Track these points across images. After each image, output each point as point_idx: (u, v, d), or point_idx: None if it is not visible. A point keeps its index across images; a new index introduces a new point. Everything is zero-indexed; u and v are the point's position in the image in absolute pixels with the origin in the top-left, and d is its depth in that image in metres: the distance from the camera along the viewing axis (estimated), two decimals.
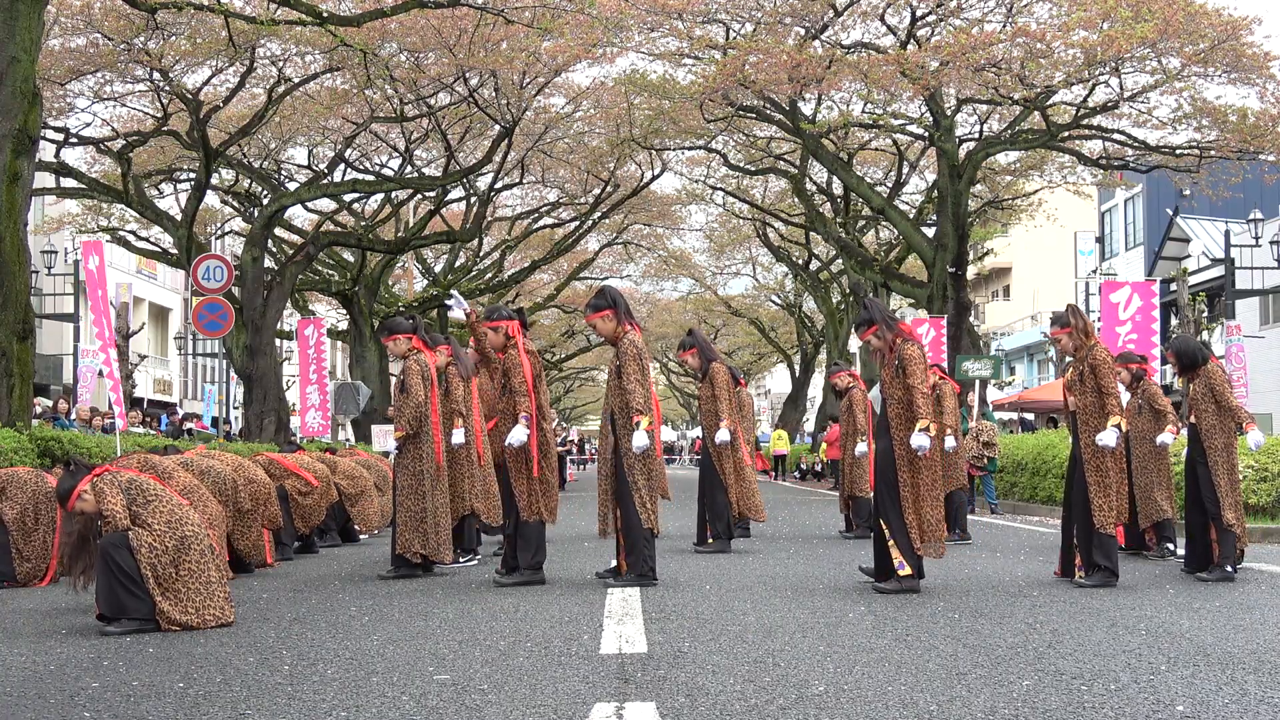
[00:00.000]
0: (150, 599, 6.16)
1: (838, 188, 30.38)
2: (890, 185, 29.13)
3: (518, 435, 7.98)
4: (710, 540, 10.80)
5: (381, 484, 13.12)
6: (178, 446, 10.56)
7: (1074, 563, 8.26)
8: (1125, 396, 10.13)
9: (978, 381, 19.19)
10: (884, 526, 7.64)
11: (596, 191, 31.01)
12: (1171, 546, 10.31)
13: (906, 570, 7.53)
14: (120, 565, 6.15)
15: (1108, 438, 7.92)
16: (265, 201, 25.24)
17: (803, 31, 21.73)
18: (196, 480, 7.97)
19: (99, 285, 13.69)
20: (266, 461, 10.75)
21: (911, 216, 27.80)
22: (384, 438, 23.17)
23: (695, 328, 12.75)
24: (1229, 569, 8.47)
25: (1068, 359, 8.65)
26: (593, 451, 43.00)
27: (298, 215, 31.52)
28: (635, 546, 7.91)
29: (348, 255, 30.68)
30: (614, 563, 8.16)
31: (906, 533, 7.55)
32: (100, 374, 29.55)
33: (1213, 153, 22.26)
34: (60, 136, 22.93)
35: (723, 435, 10.75)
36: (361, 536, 12.74)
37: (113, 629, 6.09)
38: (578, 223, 33.01)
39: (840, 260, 32.40)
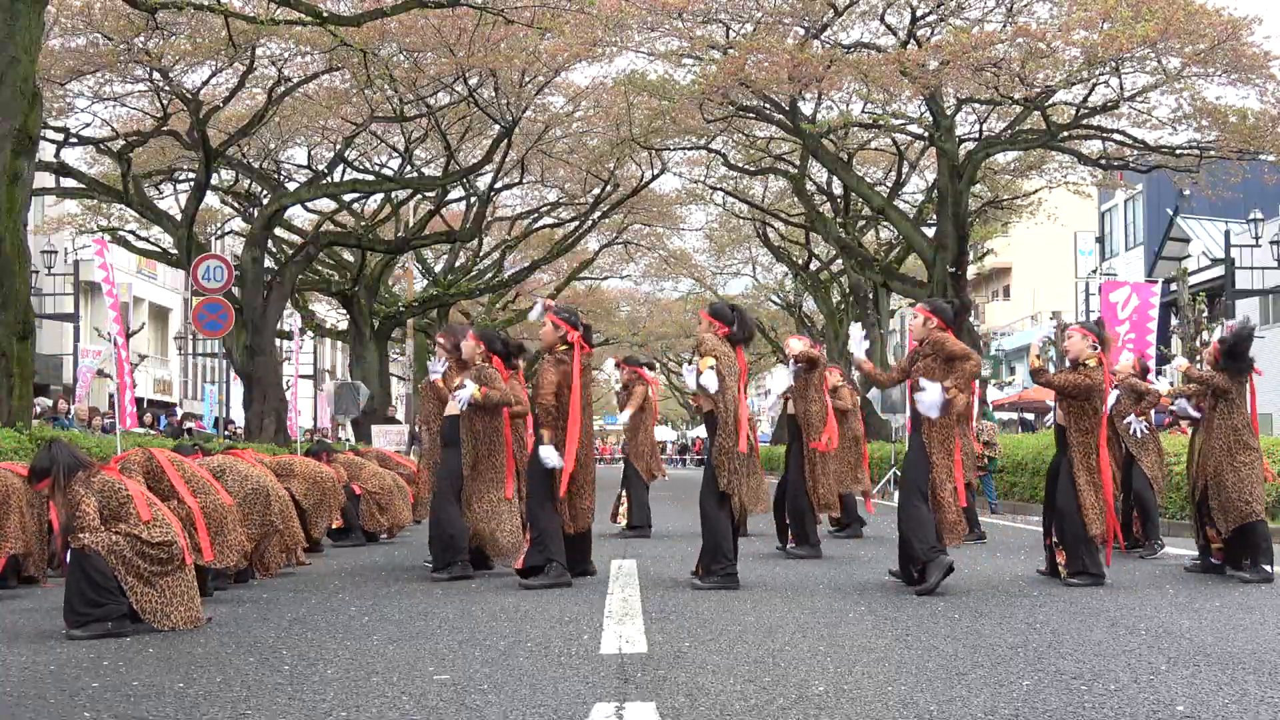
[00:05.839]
0: (124, 597, 6.14)
1: (838, 188, 30.34)
2: (890, 185, 29.09)
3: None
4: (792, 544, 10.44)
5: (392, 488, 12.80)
6: (205, 448, 10.43)
7: (1056, 561, 8.34)
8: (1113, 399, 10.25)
9: (977, 381, 19.22)
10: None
11: (596, 191, 30.99)
12: (1161, 544, 10.34)
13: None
14: (89, 573, 6.10)
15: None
16: (265, 201, 25.23)
17: (803, 31, 21.70)
18: (205, 473, 7.85)
19: (113, 281, 13.75)
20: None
21: (911, 216, 27.77)
22: (382, 437, 23.20)
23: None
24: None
25: (1066, 362, 8.65)
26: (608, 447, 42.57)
27: (298, 215, 31.49)
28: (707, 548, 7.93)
29: (348, 255, 30.66)
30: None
31: (931, 526, 7.63)
32: (101, 373, 29.56)
33: (1213, 153, 22.22)
34: (60, 136, 22.89)
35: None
36: (382, 536, 12.75)
37: (79, 633, 6.03)
38: (578, 223, 32.99)
39: (840, 260, 32.37)
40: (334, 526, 11.46)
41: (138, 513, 6.33)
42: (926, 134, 23.49)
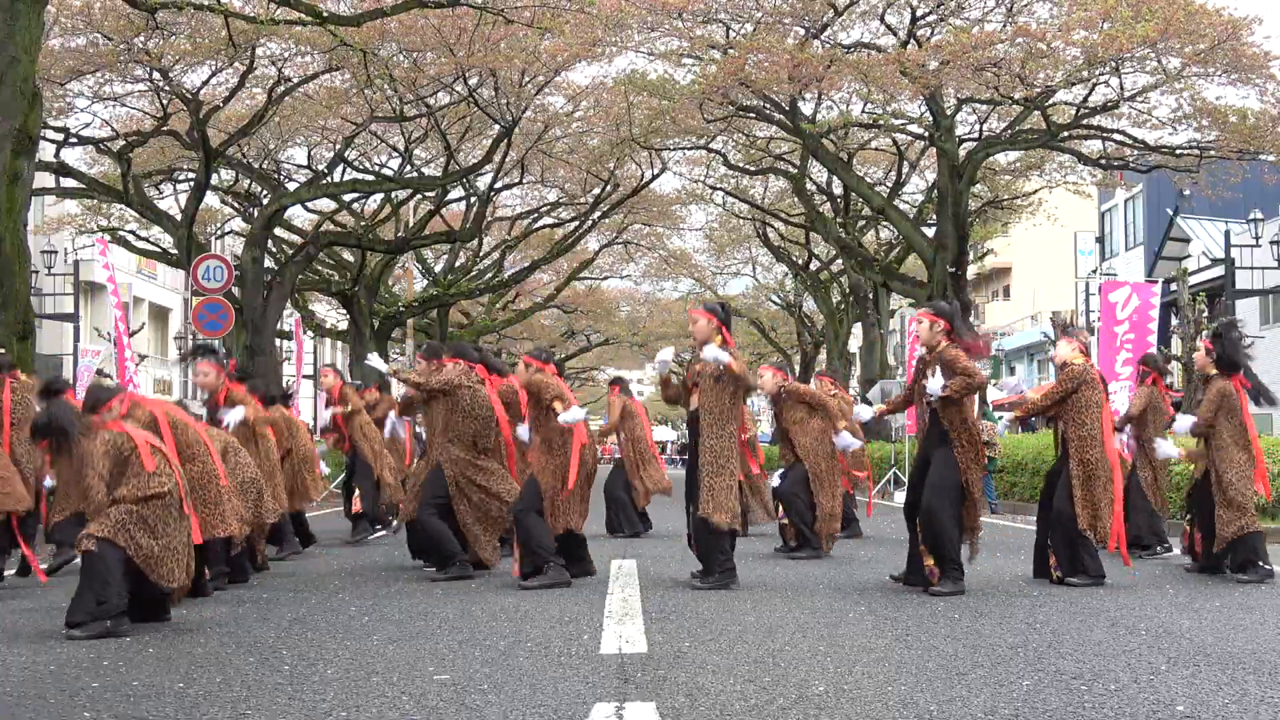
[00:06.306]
0: (125, 592, 6.14)
1: (838, 188, 30.34)
2: (890, 185, 29.10)
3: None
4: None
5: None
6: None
7: (1048, 563, 8.33)
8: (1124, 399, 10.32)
9: None
10: (935, 532, 7.62)
11: (596, 191, 30.99)
12: (1168, 545, 10.37)
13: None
14: (98, 571, 6.07)
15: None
16: (265, 201, 25.23)
17: (803, 31, 21.71)
18: (208, 440, 7.73)
19: (115, 281, 13.81)
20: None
21: (911, 216, 27.77)
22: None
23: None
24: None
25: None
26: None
27: (298, 215, 31.50)
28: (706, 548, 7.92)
29: (348, 255, 30.67)
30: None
31: (958, 540, 7.68)
32: (100, 373, 29.54)
33: (1213, 153, 22.22)
34: (60, 136, 22.89)
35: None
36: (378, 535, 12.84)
37: (79, 633, 6.00)
38: (578, 223, 32.99)
39: (840, 260, 32.37)
40: (353, 511, 11.93)
41: (142, 461, 6.31)
42: (926, 134, 23.49)
